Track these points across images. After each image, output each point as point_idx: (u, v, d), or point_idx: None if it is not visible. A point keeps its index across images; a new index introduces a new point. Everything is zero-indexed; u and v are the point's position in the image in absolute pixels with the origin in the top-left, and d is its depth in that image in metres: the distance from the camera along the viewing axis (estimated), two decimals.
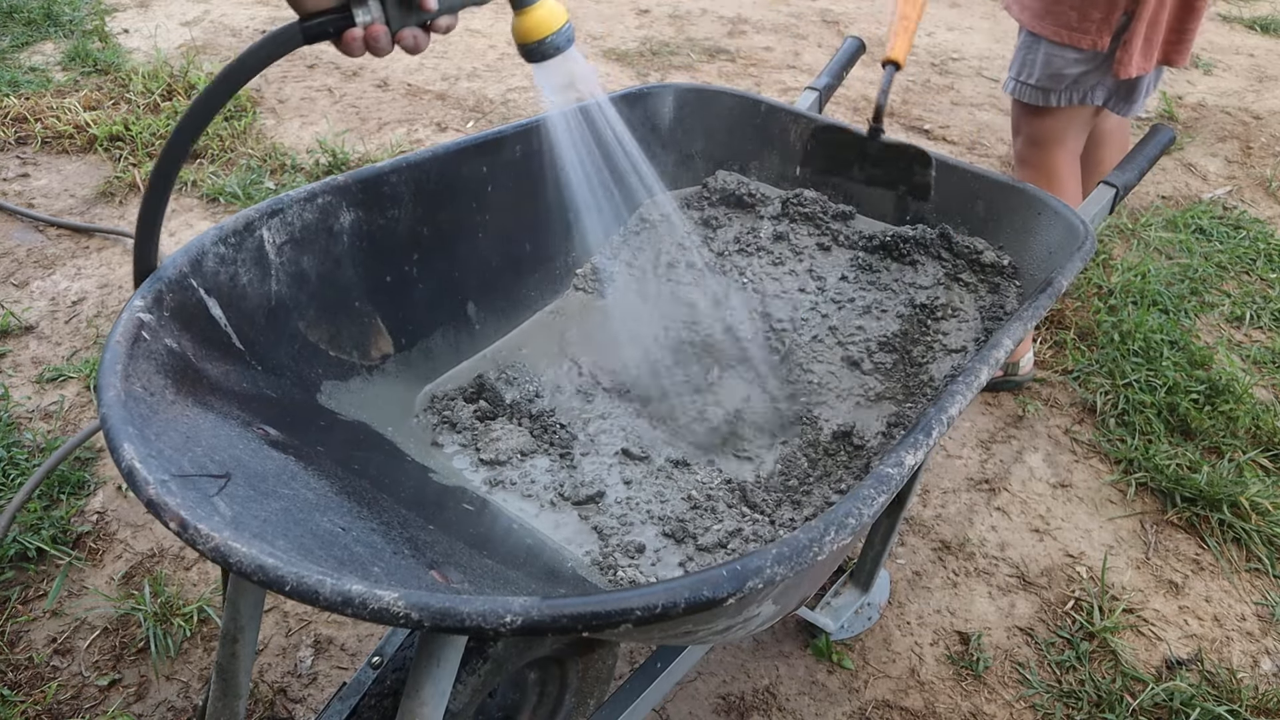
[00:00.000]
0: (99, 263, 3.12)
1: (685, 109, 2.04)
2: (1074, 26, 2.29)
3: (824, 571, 1.10)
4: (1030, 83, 2.44)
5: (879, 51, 5.29)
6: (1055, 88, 2.40)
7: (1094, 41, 2.28)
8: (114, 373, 0.98)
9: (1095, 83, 2.37)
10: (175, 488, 0.87)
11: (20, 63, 4.47)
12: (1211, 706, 1.90)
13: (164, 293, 1.13)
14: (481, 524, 1.30)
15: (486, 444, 1.54)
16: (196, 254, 1.20)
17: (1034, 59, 2.41)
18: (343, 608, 0.79)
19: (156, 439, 0.93)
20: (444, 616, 0.79)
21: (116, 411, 0.93)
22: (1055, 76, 2.39)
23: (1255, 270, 3.38)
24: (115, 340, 1.02)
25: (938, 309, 1.80)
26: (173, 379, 1.06)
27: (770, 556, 0.88)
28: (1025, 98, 2.49)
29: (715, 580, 0.85)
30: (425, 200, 1.56)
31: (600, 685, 1.62)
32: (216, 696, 1.15)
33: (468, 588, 1.02)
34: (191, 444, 0.97)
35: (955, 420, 1.15)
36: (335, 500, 1.05)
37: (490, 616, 0.79)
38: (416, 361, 1.61)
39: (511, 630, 0.79)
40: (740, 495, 1.53)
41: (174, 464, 0.91)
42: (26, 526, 2.15)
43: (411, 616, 0.78)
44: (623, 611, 0.81)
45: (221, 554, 0.81)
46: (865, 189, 1.97)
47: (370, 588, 0.79)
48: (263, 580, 0.80)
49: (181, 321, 1.14)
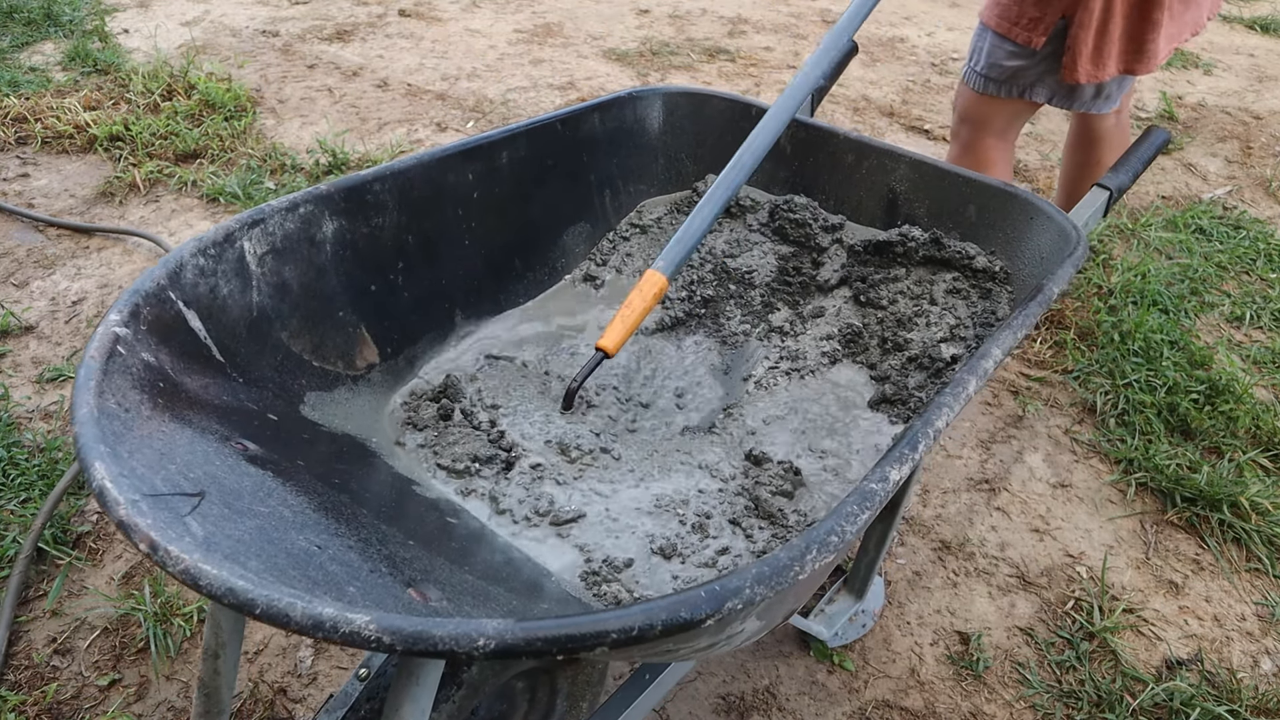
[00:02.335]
0: (99, 263, 3.12)
1: (675, 113, 2.02)
2: (1013, 20, 2.36)
3: (810, 587, 1.08)
4: (978, 70, 2.53)
5: (877, 52, 5.29)
6: (996, 78, 2.49)
7: (1028, 38, 2.33)
8: (88, 389, 0.97)
9: (1035, 80, 2.44)
10: (146, 508, 0.86)
11: (20, 63, 4.48)
12: (1211, 706, 1.89)
13: (141, 306, 1.12)
14: (461, 538, 1.29)
15: (444, 447, 1.52)
16: (175, 266, 1.19)
17: (982, 47, 2.50)
18: (314, 631, 0.78)
19: (129, 457, 0.93)
20: (416, 640, 0.78)
21: (89, 429, 0.92)
22: (996, 67, 2.47)
23: (1255, 270, 3.36)
24: (90, 356, 1.01)
25: (927, 315, 1.79)
26: (149, 394, 1.05)
27: (750, 576, 0.87)
28: (972, 84, 2.57)
29: (693, 601, 0.84)
30: (410, 208, 1.55)
31: (592, 688, 1.61)
32: (199, 713, 1.14)
33: (446, 606, 1.01)
34: (166, 461, 0.96)
35: (943, 433, 1.13)
36: (313, 517, 1.04)
37: (463, 640, 0.78)
38: (402, 371, 1.60)
39: (485, 654, 0.78)
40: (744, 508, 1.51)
41: (146, 483, 0.90)
42: (26, 527, 2.15)
43: (383, 640, 0.77)
44: (598, 634, 0.80)
45: (191, 576, 0.81)
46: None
47: (342, 610, 0.78)
48: (233, 603, 0.79)
49: (159, 335, 1.13)
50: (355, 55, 4.87)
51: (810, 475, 1.55)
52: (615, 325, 1.63)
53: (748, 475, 1.54)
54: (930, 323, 1.77)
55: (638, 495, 1.51)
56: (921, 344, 1.74)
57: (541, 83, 4.66)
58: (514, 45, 5.11)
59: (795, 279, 1.94)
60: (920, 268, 1.85)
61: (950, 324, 1.75)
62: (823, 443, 1.63)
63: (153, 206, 3.44)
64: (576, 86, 4.63)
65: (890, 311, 1.81)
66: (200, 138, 3.82)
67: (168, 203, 3.47)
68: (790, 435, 1.64)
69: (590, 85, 4.65)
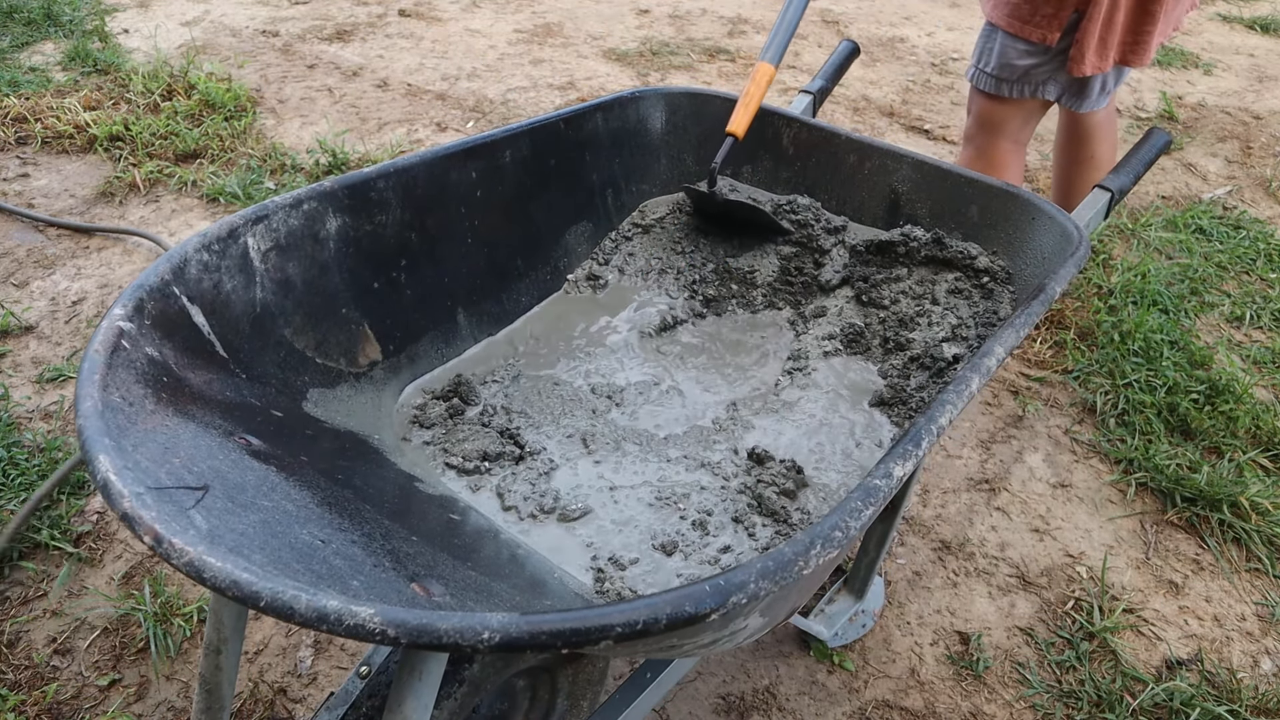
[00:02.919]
0: (99, 263, 3.12)
1: (677, 113, 2.03)
2: (1025, 19, 2.35)
3: (813, 583, 1.08)
4: (988, 71, 2.53)
5: (877, 52, 5.29)
6: (1008, 78, 2.48)
7: (1043, 35, 2.34)
8: (92, 383, 0.97)
9: (1046, 77, 2.44)
10: (151, 500, 0.86)
11: (20, 63, 4.47)
12: (1211, 706, 1.89)
13: (145, 301, 1.12)
14: (465, 534, 1.29)
15: (453, 444, 1.53)
16: (179, 261, 1.19)
17: (992, 48, 2.50)
18: (318, 624, 0.78)
19: (134, 450, 0.92)
20: (420, 633, 0.78)
21: (93, 423, 0.92)
22: (1008, 67, 2.47)
23: (1255, 270, 3.37)
24: (94, 350, 1.01)
25: (929, 314, 1.79)
26: (153, 388, 1.05)
27: (754, 571, 0.87)
28: (982, 85, 2.56)
29: (698, 596, 0.84)
30: (414, 206, 1.55)
31: (593, 687, 1.61)
32: (200, 709, 1.14)
33: (449, 601, 1.01)
34: (170, 455, 0.96)
35: (946, 430, 1.13)
36: (316, 512, 1.04)
37: (468, 633, 0.78)
38: (404, 368, 1.60)
39: (489, 647, 0.78)
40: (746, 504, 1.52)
41: (151, 476, 0.90)
42: (26, 526, 2.14)
43: (388, 633, 0.77)
44: (603, 628, 0.80)
45: (196, 568, 0.81)
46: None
47: (346, 603, 0.78)
48: (237, 595, 0.79)
49: (163, 330, 1.13)
50: (355, 55, 4.87)
51: (812, 474, 1.56)
52: (739, 113, 1.90)
53: (750, 474, 1.55)
54: (932, 322, 1.77)
55: (642, 493, 1.51)
56: (923, 344, 1.74)
57: (541, 83, 4.66)
58: (514, 45, 5.12)
59: (797, 279, 1.94)
60: (922, 268, 1.85)
61: (952, 324, 1.75)
62: (825, 443, 1.63)
63: (153, 206, 3.44)
64: (576, 86, 4.63)
65: (892, 311, 1.81)
66: (200, 138, 3.82)
67: (168, 203, 3.47)
68: (793, 434, 1.64)
69: (590, 85, 4.65)
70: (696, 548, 1.41)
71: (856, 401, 1.71)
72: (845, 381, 1.75)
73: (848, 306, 1.87)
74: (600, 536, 1.43)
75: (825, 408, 1.70)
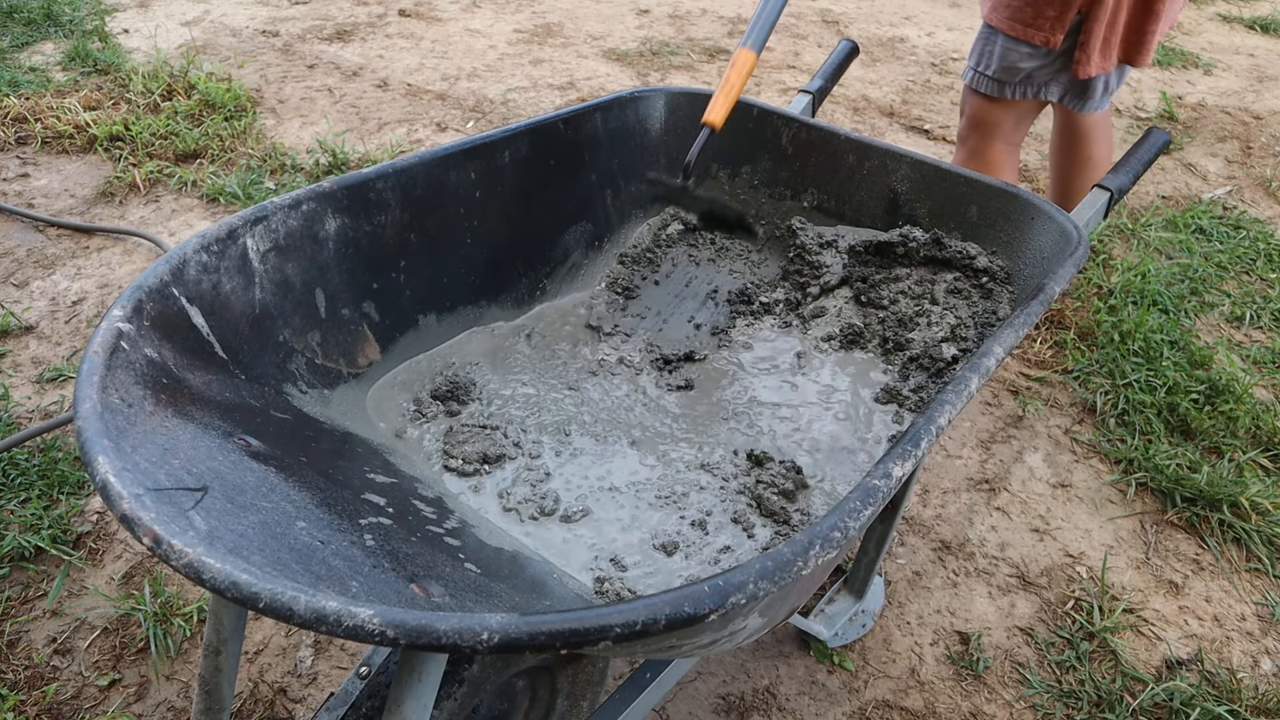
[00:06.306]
0: (99, 263, 3.12)
1: (677, 113, 2.02)
2: (1028, 22, 2.35)
3: (813, 584, 1.08)
4: (987, 74, 2.52)
5: (877, 52, 5.29)
6: (1010, 80, 2.48)
7: (1047, 38, 2.33)
8: (91, 384, 0.97)
9: (1049, 79, 2.44)
10: (150, 501, 0.86)
11: (20, 63, 4.47)
12: (1211, 706, 1.89)
13: (144, 302, 1.12)
14: (465, 535, 1.29)
15: (453, 445, 1.53)
16: (178, 262, 1.19)
17: (991, 50, 2.49)
18: (317, 625, 0.78)
19: (133, 451, 0.92)
20: (420, 634, 0.78)
21: (92, 424, 0.92)
22: (1010, 69, 2.46)
23: (1255, 270, 3.37)
24: (93, 351, 1.01)
25: (929, 314, 1.79)
26: (152, 389, 1.05)
27: (754, 571, 0.87)
28: (981, 88, 2.56)
29: (696, 596, 0.84)
30: (413, 206, 1.55)
31: (593, 687, 1.61)
32: (200, 710, 1.14)
33: (449, 601, 1.01)
34: (169, 456, 0.96)
35: (945, 430, 1.13)
36: (316, 513, 1.04)
37: (467, 634, 0.78)
38: (404, 368, 1.60)
39: (489, 647, 0.78)
40: (745, 505, 1.52)
41: (150, 477, 0.90)
42: (26, 526, 2.14)
43: (387, 634, 0.77)
44: (602, 628, 0.80)
45: (195, 569, 0.81)
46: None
47: (345, 605, 0.78)
48: (236, 597, 0.79)
49: (162, 331, 1.13)
50: (355, 55, 4.87)
51: (811, 474, 1.56)
52: (718, 102, 1.73)
53: (750, 474, 1.55)
54: (931, 322, 1.77)
55: (642, 494, 1.51)
56: (923, 344, 1.74)
57: (541, 83, 4.66)
58: (514, 45, 5.11)
59: (797, 279, 1.94)
60: (921, 268, 1.85)
61: (951, 324, 1.75)
62: (824, 443, 1.63)
63: (153, 206, 3.44)
64: (576, 86, 4.63)
65: (891, 311, 1.81)
66: (200, 138, 3.82)
67: (168, 203, 3.47)
68: (793, 434, 1.64)
69: (590, 85, 4.65)
70: (696, 548, 1.41)
71: (856, 402, 1.71)
72: (844, 382, 1.75)
73: (847, 307, 1.87)
74: (600, 537, 1.43)
75: (825, 408, 1.70)
